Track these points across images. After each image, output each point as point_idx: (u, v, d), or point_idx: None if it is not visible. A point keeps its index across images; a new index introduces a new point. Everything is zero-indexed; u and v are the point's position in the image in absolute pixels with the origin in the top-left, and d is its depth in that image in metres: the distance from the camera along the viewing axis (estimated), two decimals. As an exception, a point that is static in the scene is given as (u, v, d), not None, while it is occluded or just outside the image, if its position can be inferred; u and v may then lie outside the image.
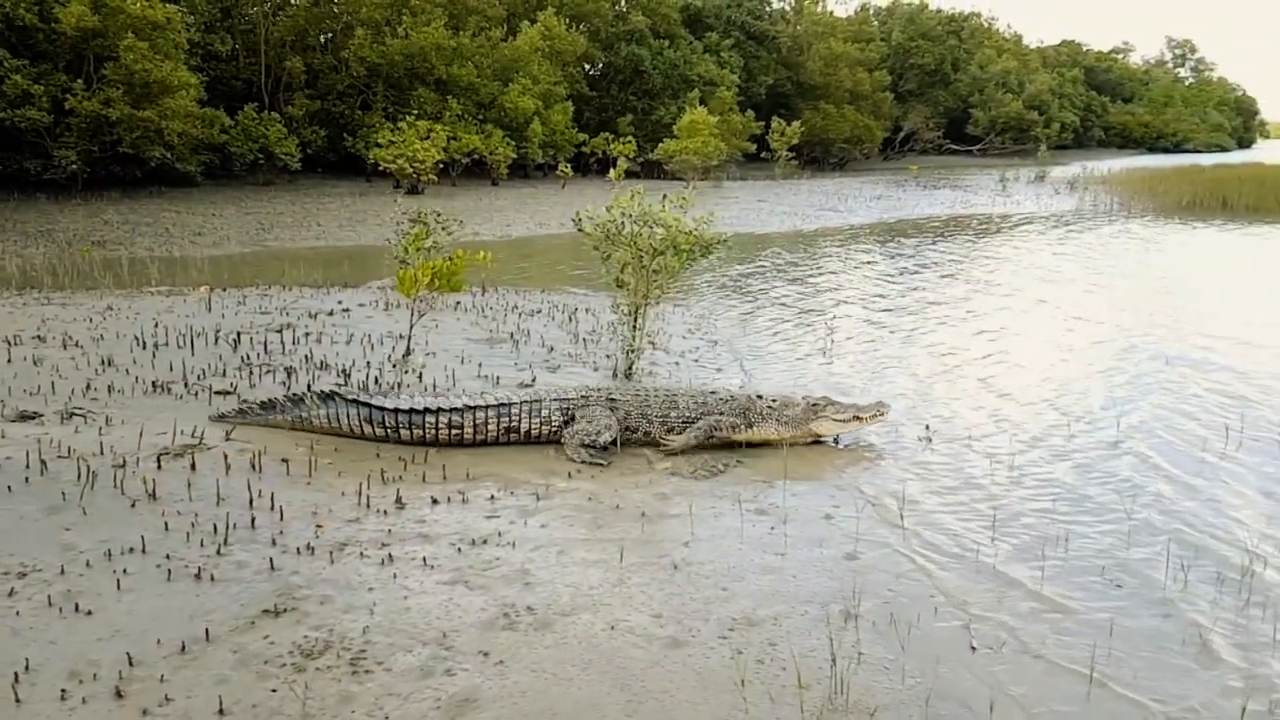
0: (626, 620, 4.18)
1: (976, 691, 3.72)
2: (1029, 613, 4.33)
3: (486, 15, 34.47)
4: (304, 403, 6.27)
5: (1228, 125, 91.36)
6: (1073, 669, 3.88)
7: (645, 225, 7.82)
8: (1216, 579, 4.64)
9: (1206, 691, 3.72)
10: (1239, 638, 4.11)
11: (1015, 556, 4.89)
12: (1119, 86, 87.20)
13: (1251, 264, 16.78)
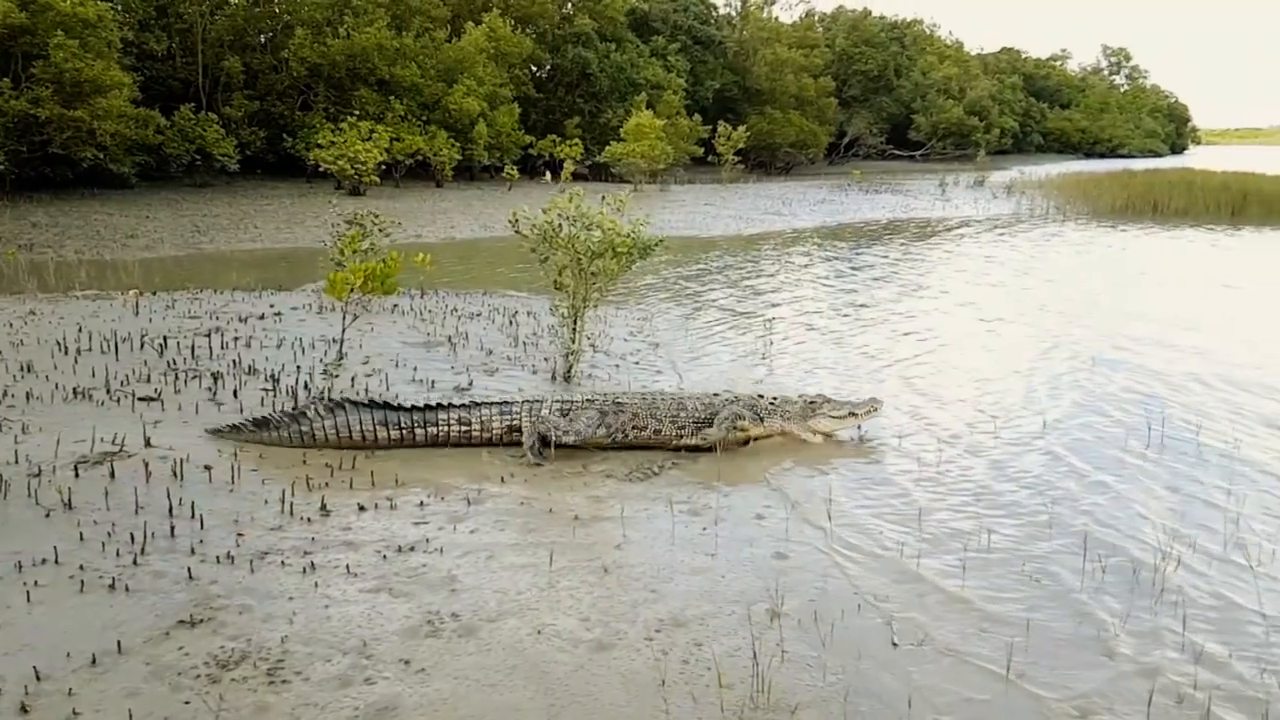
0: (553, 624, 4.16)
1: (895, 688, 3.77)
2: (949, 611, 4.40)
3: (431, 16, 34.17)
4: (305, 416, 6.10)
5: (1161, 131, 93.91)
6: (989, 665, 3.95)
7: (582, 228, 7.79)
8: (1131, 576, 4.75)
9: (1116, 685, 3.81)
10: (1149, 633, 4.22)
11: (937, 555, 4.97)
12: (1057, 93, 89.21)
13: (1177, 267, 17.26)
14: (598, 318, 10.99)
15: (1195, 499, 5.78)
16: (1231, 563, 4.90)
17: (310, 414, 6.10)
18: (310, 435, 6.07)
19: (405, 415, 6.17)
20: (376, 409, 6.15)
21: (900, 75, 65.30)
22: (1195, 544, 5.11)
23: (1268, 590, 4.55)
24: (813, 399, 6.95)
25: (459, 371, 8.10)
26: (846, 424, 6.88)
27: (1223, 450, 6.66)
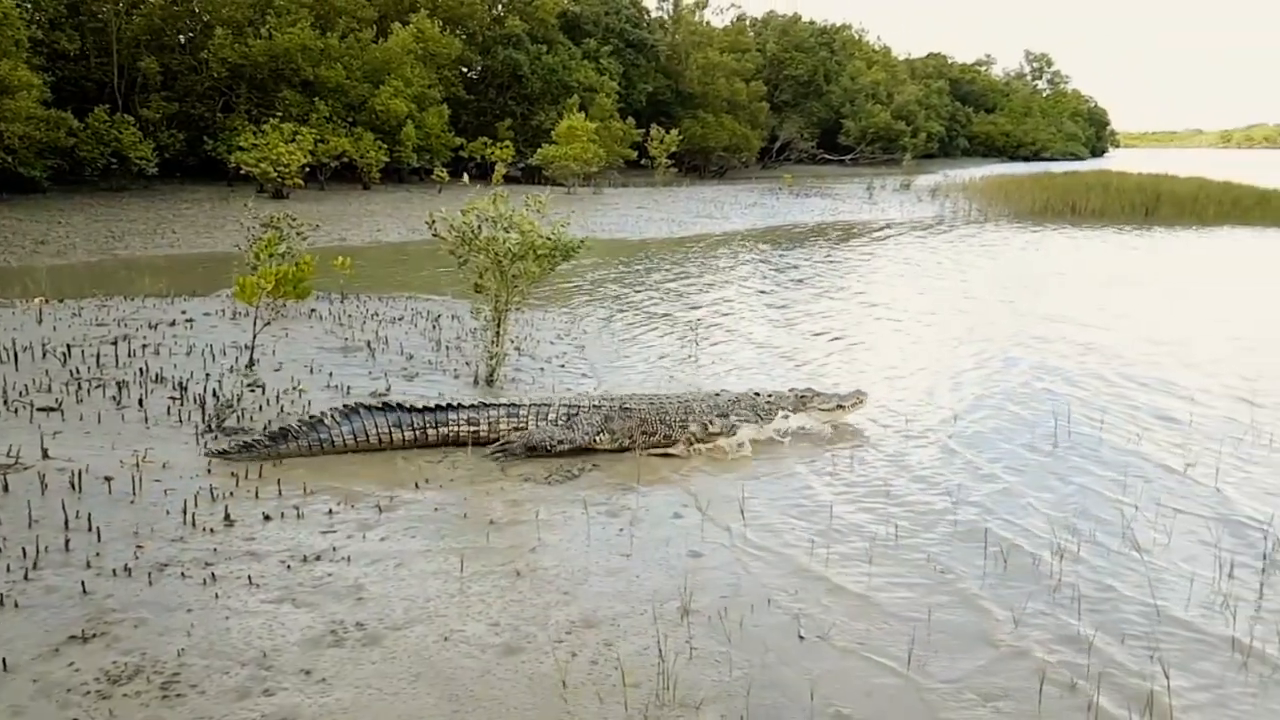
0: (461, 630, 4.11)
1: (799, 680, 3.81)
2: (854, 605, 4.46)
3: (356, 16, 33.62)
4: (323, 423, 6.12)
5: (1082, 135, 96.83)
6: (891, 657, 4.02)
7: (501, 229, 7.73)
8: (1029, 569, 4.86)
9: (1010, 675, 3.90)
10: (1044, 625, 4.32)
11: (844, 552, 5.04)
12: (982, 97, 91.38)
13: (1089, 266, 17.78)
14: (524, 320, 10.96)
15: (1093, 493, 5.94)
16: (1125, 555, 5.05)
17: (327, 420, 6.14)
18: (329, 442, 6.10)
19: (418, 417, 6.27)
20: (391, 411, 6.24)
21: (830, 80, 66.28)
22: (1092, 537, 5.26)
23: (1158, 581, 4.70)
24: (803, 393, 7.14)
25: (376, 377, 7.96)
26: (835, 416, 7.07)
27: (1121, 445, 6.88)
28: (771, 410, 6.91)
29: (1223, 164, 67.77)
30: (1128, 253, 19.72)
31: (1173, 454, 6.68)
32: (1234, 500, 5.81)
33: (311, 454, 6.09)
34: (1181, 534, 5.29)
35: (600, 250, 19.51)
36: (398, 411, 6.25)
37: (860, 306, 12.90)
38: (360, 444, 6.17)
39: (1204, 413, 7.68)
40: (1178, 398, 8.13)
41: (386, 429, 6.20)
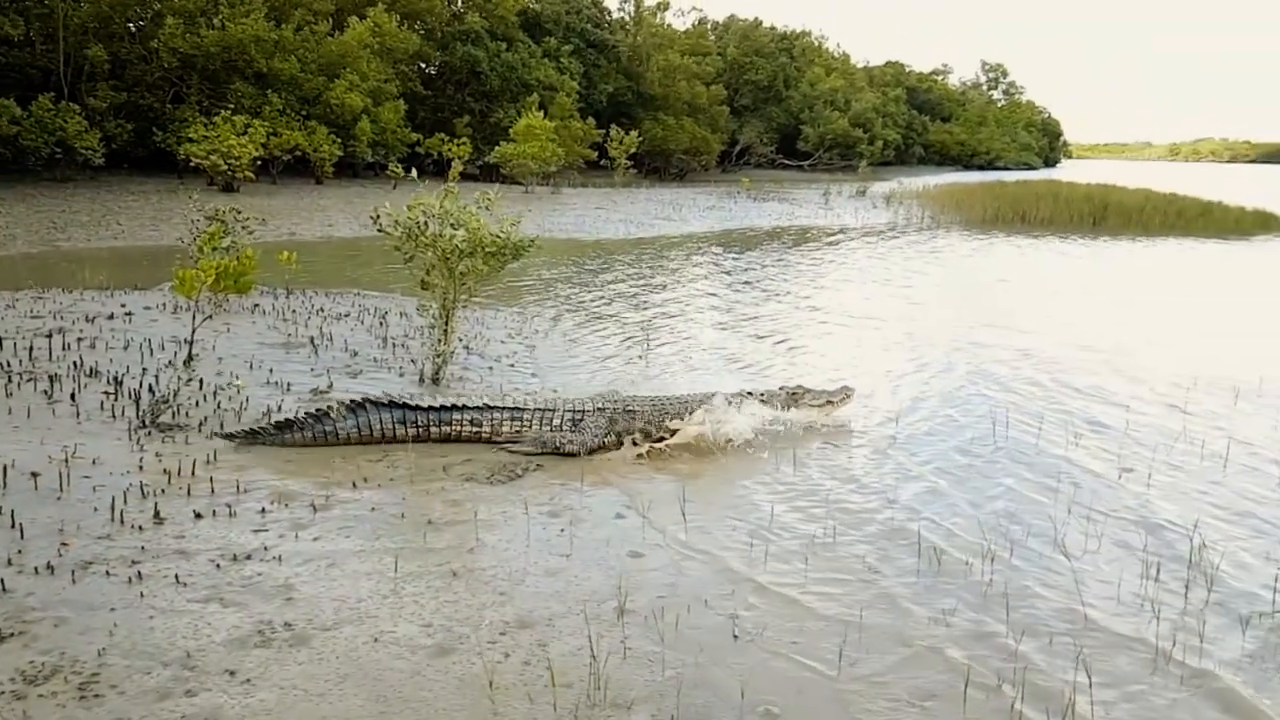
0: (393, 631, 4.06)
1: (731, 680, 3.82)
2: (789, 607, 4.48)
3: (312, 9, 33.16)
4: (328, 416, 6.26)
5: (1035, 145, 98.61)
6: (823, 657, 4.04)
7: (448, 226, 7.65)
8: (961, 573, 4.91)
9: (937, 677, 3.94)
10: (971, 628, 4.37)
11: (782, 554, 5.06)
12: (938, 106, 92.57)
13: (1035, 274, 18.10)
14: (474, 319, 10.89)
15: (1026, 497, 6.01)
16: (1054, 559, 5.13)
17: (333, 414, 6.27)
18: (334, 434, 6.24)
19: (422, 414, 6.40)
20: (395, 408, 6.37)
21: (789, 86, 66.76)
22: (1024, 541, 5.34)
23: (1085, 585, 4.78)
24: (793, 390, 7.37)
25: (318, 373, 7.85)
26: (825, 411, 7.29)
27: (1056, 451, 6.98)
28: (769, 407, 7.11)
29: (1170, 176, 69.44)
30: (1072, 261, 20.09)
31: (1106, 460, 6.80)
32: (1163, 506, 5.93)
33: (315, 445, 6.22)
34: (1110, 539, 5.39)
35: (556, 250, 19.45)
36: (402, 408, 6.37)
37: (807, 311, 12.99)
38: (364, 437, 6.30)
39: (1138, 420, 7.83)
40: (1113, 404, 8.29)
41: (390, 424, 6.33)
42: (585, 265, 17.16)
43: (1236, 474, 6.54)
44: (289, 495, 5.40)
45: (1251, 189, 51.26)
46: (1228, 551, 5.20)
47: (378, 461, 6.04)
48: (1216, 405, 8.34)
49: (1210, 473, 6.55)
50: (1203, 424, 7.71)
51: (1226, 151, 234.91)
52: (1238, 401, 8.43)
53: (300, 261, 11.29)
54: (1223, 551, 5.17)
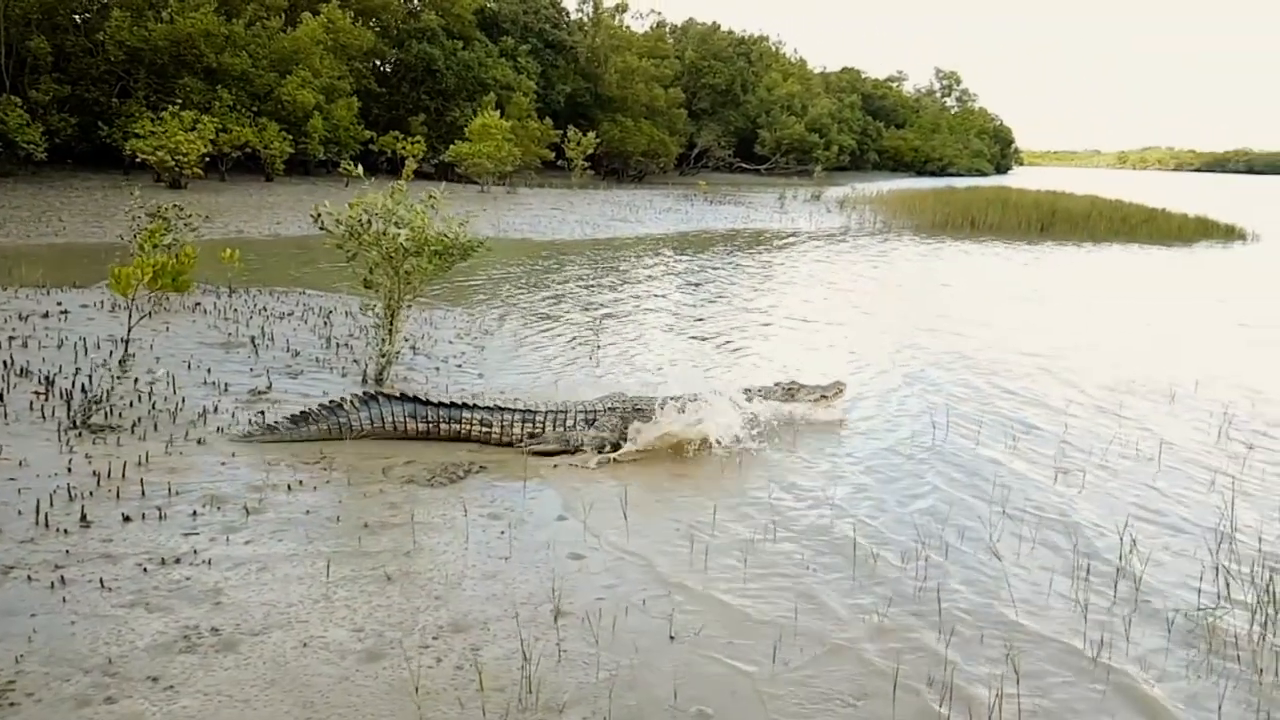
0: (323, 636, 4.00)
1: (664, 681, 3.82)
2: (725, 609, 4.48)
3: (265, 4, 32.66)
4: (341, 408, 6.42)
5: (987, 152, 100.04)
6: (756, 658, 4.06)
7: (392, 225, 7.56)
8: (896, 577, 4.95)
9: (867, 678, 3.97)
10: (903, 629, 4.41)
11: (722, 557, 5.06)
12: (893, 113, 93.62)
13: (979, 279, 18.35)
14: (423, 319, 10.79)
15: (962, 501, 6.07)
16: (986, 561, 5.20)
17: (347, 406, 6.42)
18: (347, 426, 6.40)
19: (432, 410, 6.54)
20: (406, 402, 6.53)
21: (747, 90, 67.08)
22: (958, 544, 5.40)
23: (1014, 586, 4.83)
24: (789, 385, 7.69)
25: (258, 374, 7.72)
26: (821, 405, 7.59)
27: (992, 454, 7.07)
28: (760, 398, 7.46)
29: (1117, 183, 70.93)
30: (1017, 267, 20.40)
31: (1041, 461, 6.90)
32: (1095, 508, 6.04)
33: (329, 438, 6.36)
34: (1042, 540, 5.47)
35: (510, 251, 19.35)
36: (413, 403, 6.52)
37: (753, 313, 13.02)
38: (375, 430, 6.46)
39: (1074, 422, 7.97)
40: (1050, 407, 8.43)
41: (401, 418, 6.48)
42: (539, 266, 17.09)
43: (1168, 475, 6.68)
44: (222, 498, 5.30)
45: (1194, 197, 52.61)
46: (1155, 552, 5.31)
47: (314, 463, 5.95)
48: (1151, 407, 8.52)
49: (1143, 474, 6.69)
50: (1137, 426, 7.87)
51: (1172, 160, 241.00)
52: (1173, 403, 8.62)
53: (246, 260, 11.13)
54: (1150, 552, 5.28)
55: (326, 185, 29.98)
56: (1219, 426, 7.87)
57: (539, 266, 16.99)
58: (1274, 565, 4.97)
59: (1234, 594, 4.81)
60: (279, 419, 6.45)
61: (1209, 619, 4.55)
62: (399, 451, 6.29)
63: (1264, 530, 5.61)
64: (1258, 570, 4.93)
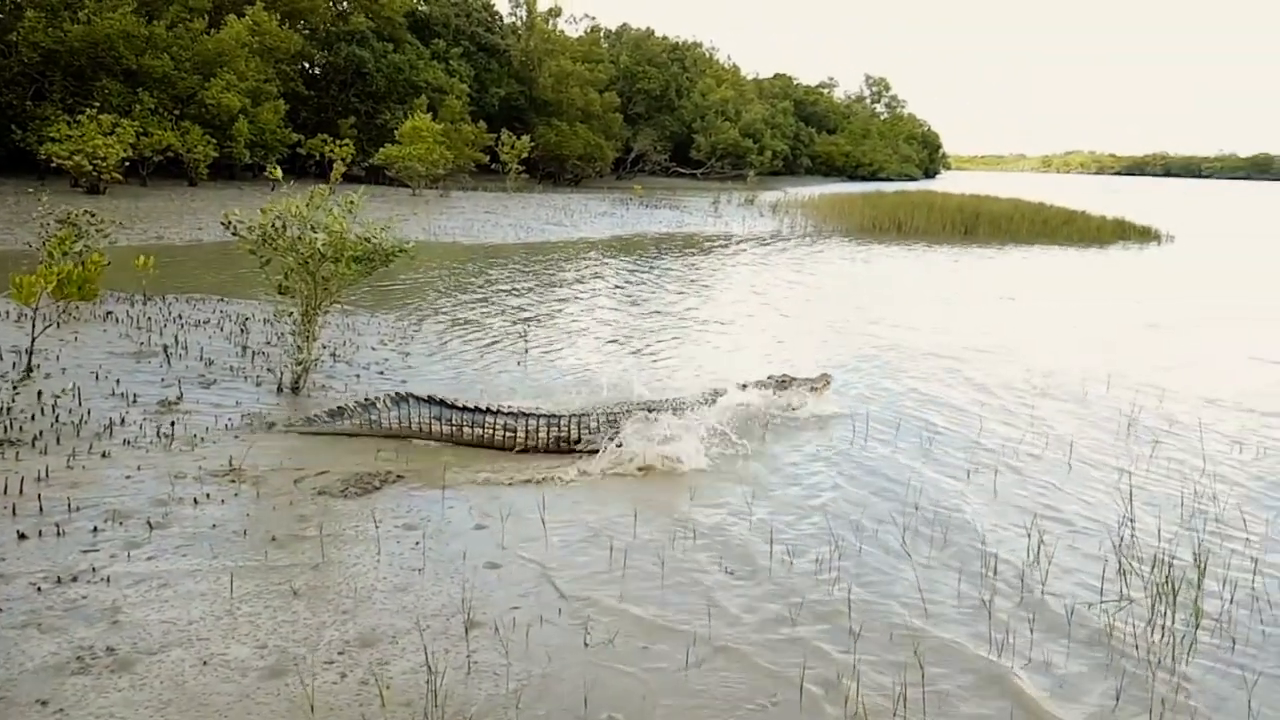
0: (224, 654, 3.90)
1: (575, 691, 3.80)
2: (642, 615, 4.48)
3: (188, 5, 31.84)
4: (375, 406, 6.69)
5: (916, 157, 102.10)
6: (670, 662, 4.07)
7: (309, 229, 7.43)
8: (810, 580, 5.01)
9: (766, 677, 4.01)
10: (816, 632, 4.47)
11: (639, 562, 5.06)
12: (824, 118, 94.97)
13: (902, 280, 18.67)
14: (346, 325, 10.62)
15: (877, 501, 6.18)
16: (899, 560, 5.29)
17: (379, 404, 6.69)
18: (378, 423, 6.67)
19: (457, 414, 6.73)
20: (433, 405, 6.73)
21: (682, 95, 67.48)
22: (873, 543, 5.49)
23: (923, 589, 4.91)
24: (781, 378, 8.21)
25: (168, 384, 7.50)
26: (810, 399, 8.13)
27: (907, 456, 7.20)
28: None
29: (1040, 186, 72.89)
30: (940, 270, 20.82)
31: (952, 463, 7.04)
32: (1003, 508, 6.18)
33: (361, 433, 6.66)
34: (950, 542, 5.57)
35: (441, 254, 19.15)
36: (439, 405, 6.72)
37: (680, 317, 13.02)
38: (403, 429, 6.68)
39: (988, 421, 8.16)
40: (964, 407, 8.62)
41: (427, 420, 6.69)
42: (469, 270, 16.93)
43: (1076, 474, 6.86)
44: (125, 513, 5.14)
45: (1113, 199, 54.38)
46: (1059, 551, 5.45)
47: (224, 475, 5.80)
48: (1063, 407, 8.75)
49: (1052, 473, 6.86)
50: (1048, 426, 8.08)
51: (1094, 164, 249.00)
52: (1084, 403, 8.88)
53: (165, 266, 10.83)
54: (1054, 551, 5.42)
55: (253, 189, 29.34)
56: (1127, 425, 8.13)
57: (469, 271, 16.84)
58: (1171, 562, 5.14)
59: (1133, 592, 4.96)
60: (318, 412, 6.79)
61: (1108, 617, 4.68)
62: (313, 462, 6.16)
63: (1163, 528, 5.79)
64: (1157, 568, 5.09)
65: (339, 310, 11.17)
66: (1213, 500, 6.34)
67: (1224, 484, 6.70)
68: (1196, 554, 5.20)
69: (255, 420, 6.88)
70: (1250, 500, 6.42)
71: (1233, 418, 8.58)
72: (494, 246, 21.49)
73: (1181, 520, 5.97)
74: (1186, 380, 10.02)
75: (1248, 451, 7.55)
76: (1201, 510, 6.15)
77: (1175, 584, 4.78)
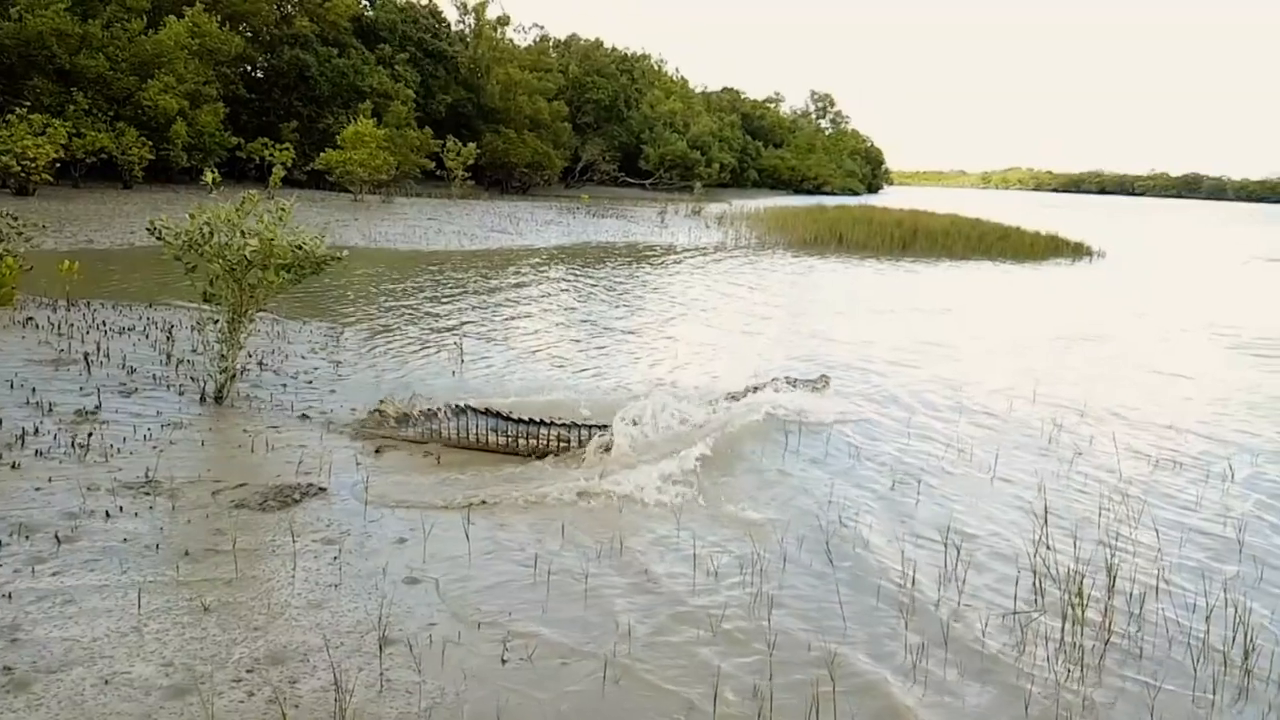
0: (127, 672, 3.80)
1: (488, 707, 3.78)
2: (564, 625, 4.48)
3: (125, 5, 31.14)
4: (436, 416, 6.88)
5: (859, 172, 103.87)
6: (589, 672, 4.07)
7: (238, 235, 7.29)
8: (735, 589, 5.05)
9: (696, 691, 4.03)
10: (735, 642, 4.50)
11: (562, 572, 5.05)
12: (771, 132, 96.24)
13: (836, 293, 18.91)
14: (276, 333, 10.44)
15: (803, 510, 6.25)
16: (823, 567, 5.36)
17: (440, 415, 6.89)
18: (438, 433, 6.88)
19: (513, 426, 6.87)
20: (491, 417, 6.89)
21: (630, 106, 67.84)
22: (797, 550, 5.55)
23: (843, 602, 4.97)
24: (786, 378, 8.95)
25: (88, 393, 7.30)
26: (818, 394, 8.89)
27: (836, 464, 7.30)
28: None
29: (979, 202, 74.55)
30: (880, 284, 21.17)
31: (880, 470, 7.15)
32: (928, 515, 6.29)
33: (422, 441, 6.86)
34: (874, 548, 5.65)
35: (380, 261, 18.95)
36: (495, 417, 6.88)
37: (603, 328, 12.98)
38: (461, 440, 6.84)
39: (915, 432, 8.30)
40: (892, 418, 8.75)
41: (484, 431, 6.83)
42: (408, 277, 16.76)
43: (998, 490, 6.99)
44: (32, 527, 4.98)
45: (1049, 215, 55.74)
46: (981, 559, 5.56)
47: (139, 488, 5.65)
48: (985, 420, 8.92)
49: (973, 488, 6.98)
50: (972, 440, 8.23)
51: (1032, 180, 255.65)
52: (1007, 417, 9.07)
53: (94, 271, 10.56)
54: (972, 560, 5.53)
55: (190, 193, 28.73)
56: (1048, 439, 8.32)
57: (408, 278, 16.67)
58: (1085, 573, 5.26)
59: (1050, 586, 5.08)
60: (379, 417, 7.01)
61: (1022, 628, 4.78)
62: (232, 474, 6.04)
63: (1079, 539, 5.93)
64: (1072, 579, 5.19)
65: (269, 318, 11.00)
66: (1126, 516, 6.50)
67: (1137, 500, 6.88)
68: (1108, 568, 5.33)
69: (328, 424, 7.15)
70: (1158, 516, 6.61)
71: (1150, 432, 8.83)
72: (435, 254, 21.32)
73: (1095, 537, 6.11)
74: (1107, 395, 10.28)
75: (1162, 467, 7.77)
76: (1112, 527, 6.30)
77: (1085, 600, 4.90)
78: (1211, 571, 5.58)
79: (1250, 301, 21.64)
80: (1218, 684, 4.33)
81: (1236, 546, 6.02)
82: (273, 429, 6.99)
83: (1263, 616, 5.03)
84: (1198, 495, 7.01)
